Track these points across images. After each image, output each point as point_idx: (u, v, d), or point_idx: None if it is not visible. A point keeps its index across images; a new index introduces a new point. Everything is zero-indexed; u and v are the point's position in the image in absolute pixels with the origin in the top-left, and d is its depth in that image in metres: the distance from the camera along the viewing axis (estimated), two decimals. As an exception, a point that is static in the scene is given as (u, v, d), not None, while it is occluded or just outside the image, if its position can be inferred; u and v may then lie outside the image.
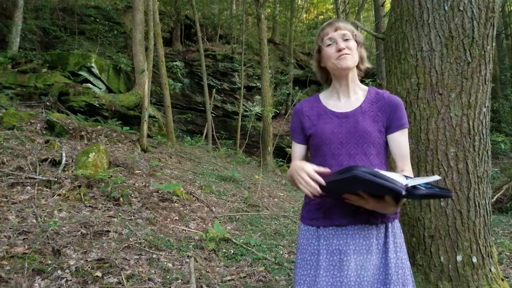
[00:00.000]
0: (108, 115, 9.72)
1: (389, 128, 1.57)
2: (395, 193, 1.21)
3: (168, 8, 17.59)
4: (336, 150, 1.53)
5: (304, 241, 1.60)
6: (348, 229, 1.51)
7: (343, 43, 1.54)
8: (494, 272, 2.36)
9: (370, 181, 1.18)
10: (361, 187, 1.29)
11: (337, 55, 1.54)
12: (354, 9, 19.61)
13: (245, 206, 6.08)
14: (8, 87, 9.20)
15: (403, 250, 1.55)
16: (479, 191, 2.35)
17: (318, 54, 1.64)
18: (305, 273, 1.54)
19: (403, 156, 1.56)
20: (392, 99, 1.59)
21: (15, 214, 3.59)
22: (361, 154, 1.51)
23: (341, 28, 1.56)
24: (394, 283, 1.46)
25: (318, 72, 1.71)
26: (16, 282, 2.58)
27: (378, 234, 1.52)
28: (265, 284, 3.28)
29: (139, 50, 10.94)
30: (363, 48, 1.63)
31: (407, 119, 1.59)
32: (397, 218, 1.59)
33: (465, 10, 2.33)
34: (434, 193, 1.23)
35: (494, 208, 7.15)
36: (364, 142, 1.52)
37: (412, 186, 1.22)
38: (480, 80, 2.34)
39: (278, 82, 18.25)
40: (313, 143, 1.60)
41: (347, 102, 1.62)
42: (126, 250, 3.45)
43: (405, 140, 1.57)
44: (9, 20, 11.61)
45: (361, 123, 1.54)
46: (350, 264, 1.46)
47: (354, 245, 1.49)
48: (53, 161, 5.06)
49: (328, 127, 1.56)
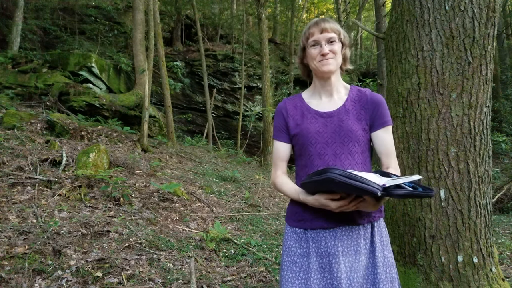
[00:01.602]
0: (108, 115, 9.72)
1: (373, 126, 1.57)
2: (370, 194, 1.22)
3: (168, 8, 17.58)
4: (322, 150, 1.53)
5: (292, 243, 1.58)
6: (336, 231, 1.50)
7: (328, 46, 1.53)
8: (495, 272, 2.36)
9: (343, 182, 1.19)
10: (336, 188, 1.30)
11: (320, 59, 1.53)
12: (355, 8, 19.61)
13: (245, 206, 6.08)
14: (8, 87, 9.20)
15: (388, 248, 1.56)
16: (480, 191, 2.34)
17: (302, 52, 1.64)
18: (294, 275, 1.53)
19: (388, 153, 1.57)
20: (374, 97, 1.59)
21: (16, 214, 3.59)
22: (346, 153, 1.51)
23: (328, 31, 1.53)
24: (383, 281, 1.47)
25: (300, 68, 1.71)
26: (17, 282, 2.58)
27: (365, 234, 1.52)
28: (265, 284, 3.28)
29: (140, 50, 10.94)
30: (347, 49, 1.62)
31: (390, 117, 1.59)
32: (382, 217, 1.60)
33: (466, 10, 2.32)
34: (414, 193, 1.24)
35: (495, 208, 7.15)
36: (349, 141, 1.52)
37: (393, 185, 1.23)
38: (481, 80, 2.34)
39: (279, 82, 18.25)
40: (298, 143, 1.59)
41: (330, 101, 1.61)
42: (127, 250, 3.45)
43: (389, 137, 1.58)
44: (10, 20, 11.61)
45: (346, 122, 1.54)
46: (339, 266, 1.46)
47: (342, 247, 1.48)
48: (53, 161, 5.07)
49: (313, 127, 1.56)
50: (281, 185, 1.61)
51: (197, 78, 16.93)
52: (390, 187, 1.23)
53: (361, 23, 15.17)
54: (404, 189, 1.25)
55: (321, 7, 26.02)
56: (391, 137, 1.58)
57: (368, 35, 23.41)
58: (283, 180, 1.62)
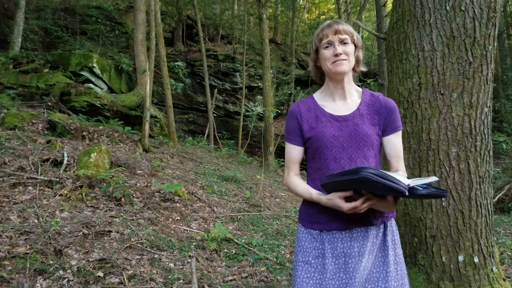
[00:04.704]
0: (109, 115, 9.72)
1: (385, 130, 1.59)
2: (398, 193, 1.24)
3: (169, 8, 17.58)
4: (338, 154, 1.54)
5: (306, 244, 1.59)
6: (352, 232, 1.52)
7: (341, 47, 1.54)
8: (496, 272, 2.36)
9: (378, 182, 1.20)
10: (366, 188, 1.32)
11: (333, 60, 1.54)
12: (356, 9, 19.61)
13: (246, 206, 6.08)
14: (9, 87, 9.21)
15: (399, 246, 1.59)
16: (481, 191, 2.34)
17: (315, 54, 1.64)
18: (309, 275, 1.54)
19: (398, 156, 1.60)
20: (388, 103, 1.61)
21: (17, 214, 3.60)
22: (361, 157, 1.53)
23: (341, 32, 1.54)
24: (395, 279, 1.50)
25: (313, 70, 1.71)
26: (18, 282, 2.59)
27: (378, 233, 1.55)
28: (266, 284, 3.28)
29: (141, 50, 10.94)
30: (361, 51, 1.63)
31: (401, 122, 1.62)
32: (394, 217, 1.63)
33: (466, 10, 2.32)
34: (432, 193, 1.28)
35: (496, 208, 7.14)
36: (364, 145, 1.54)
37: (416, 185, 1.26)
38: (482, 80, 2.34)
39: (280, 82, 18.24)
40: (312, 146, 1.59)
41: (344, 104, 1.62)
42: (128, 250, 3.46)
43: (400, 141, 1.61)
44: (11, 20, 11.63)
45: (361, 126, 1.55)
46: (355, 266, 1.48)
47: (358, 247, 1.51)
48: (54, 161, 5.07)
49: (328, 131, 1.56)
50: (295, 187, 1.63)
51: (198, 78, 16.94)
52: (414, 188, 1.25)
53: (362, 24, 15.15)
54: (427, 189, 1.28)
55: (322, 7, 25.99)
56: (401, 141, 1.62)
57: (369, 35, 23.39)
58: (296, 182, 1.64)
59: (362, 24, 4.88)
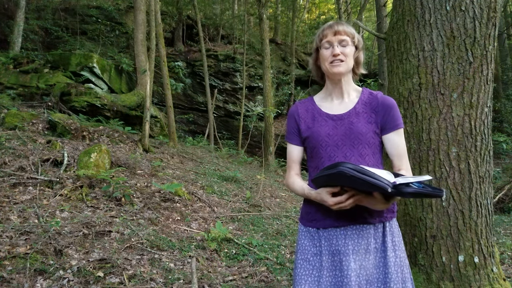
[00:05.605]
0: (110, 115, 9.72)
1: (384, 129, 1.58)
2: (380, 190, 1.23)
3: (170, 8, 17.59)
4: (332, 153, 1.55)
5: (306, 242, 1.61)
6: (347, 230, 1.53)
7: (339, 48, 1.55)
8: (496, 272, 2.36)
9: (355, 177, 1.21)
10: (347, 183, 1.32)
11: (331, 60, 1.55)
12: (356, 9, 19.61)
13: (247, 206, 6.08)
14: (10, 87, 9.21)
15: (401, 248, 1.57)
16: (481, 191, 2.34)
17: (316, 53, 1.66)
18: (307, 273, 1.55)
19: (400, 155, 1.58)
20: (386, 100, 1.60)
21: (17, 214, 3.60)
22: (356, 156, 1.53)
23: (341, 33, 1.55)
24: (394, 281, 1.48)
25: (314, 70, 1.72)
26: (18, 282, 2.59)
27: (376, 233, 1.54)
28: (267, 284, 3.28)
29: (141, 50, 10.93)
30: (361, 53, 1.64)
31: (401, 120, 1.60)
32: (395, 217, 1.61)
33: (467, 10, 2.32)
34: (423, 192, 1.24)
35: (496, 208, 7.14)
36: (359, 143, 1.54)
37: (402, 184, 1.24)
38: (482, 80, 2.34)
39: (280, 82, 18.25)
40: (309, 146, 1.62)
41: (341, 103, 1.63)
42: (128, 250, 3.46)
43: (401, 139, 1.59)
44: (11, 20, 11.64)
45: (356, 124, 1.56)
46: (349, 264, 1.48)
47: (352, 245, 1.51)
48: (55, 161, 5.08)
49: (323, 130, 1.58)
50: (292, 184, 1.66)
51: (198, 78, 16.94)
52: (401, 185, 1.24)
53: (362, 24, 15.16)
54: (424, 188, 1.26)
55: (322, 7, 25.99)
56: (403, 140, 1.60)
57: (369, 35, 23.39)
58: (294, 180, 1.67)
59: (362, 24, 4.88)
